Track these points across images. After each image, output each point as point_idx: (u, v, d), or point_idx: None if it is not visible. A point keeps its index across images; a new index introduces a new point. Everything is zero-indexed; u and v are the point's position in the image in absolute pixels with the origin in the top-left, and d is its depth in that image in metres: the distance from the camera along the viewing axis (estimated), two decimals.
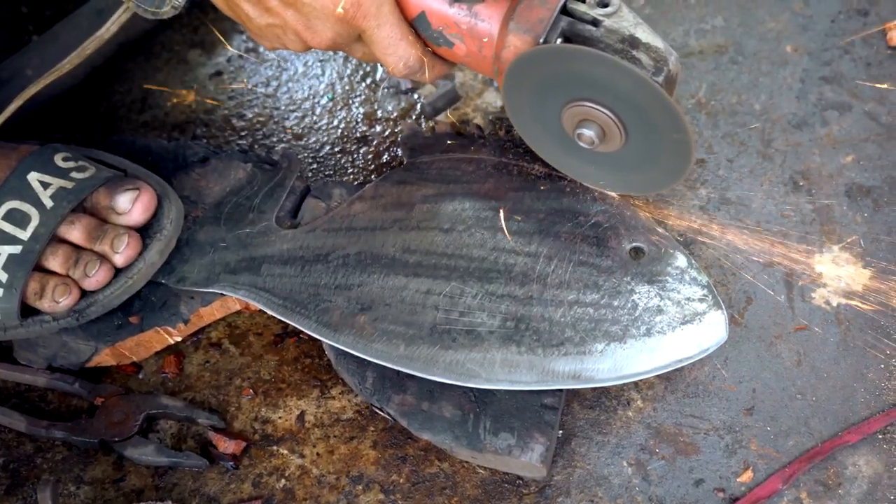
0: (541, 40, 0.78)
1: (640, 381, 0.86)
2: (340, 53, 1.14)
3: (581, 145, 0.81)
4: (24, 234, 0.86)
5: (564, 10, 0.79)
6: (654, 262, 0.85)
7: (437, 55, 0.86)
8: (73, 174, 0.88)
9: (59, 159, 0.89)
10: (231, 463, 0.85)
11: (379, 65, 1.12)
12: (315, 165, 1.04)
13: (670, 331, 0.81)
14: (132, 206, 0.88)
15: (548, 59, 0.78)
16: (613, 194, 0.89)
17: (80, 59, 0.88)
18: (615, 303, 0.83)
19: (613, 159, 0.84)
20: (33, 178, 0.88)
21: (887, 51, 1.07)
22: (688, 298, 0.83)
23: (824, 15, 1.10)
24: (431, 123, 1.04)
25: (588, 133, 0.80)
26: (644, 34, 0.78)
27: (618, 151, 0.82)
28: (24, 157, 0.89)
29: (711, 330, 0.82)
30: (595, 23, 0.78)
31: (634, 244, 0.86)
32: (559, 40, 0.79)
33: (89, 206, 0.89)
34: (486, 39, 0.81)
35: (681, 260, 0.85)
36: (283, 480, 0.84)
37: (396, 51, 0.83)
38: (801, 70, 1.06)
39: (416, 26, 0.83)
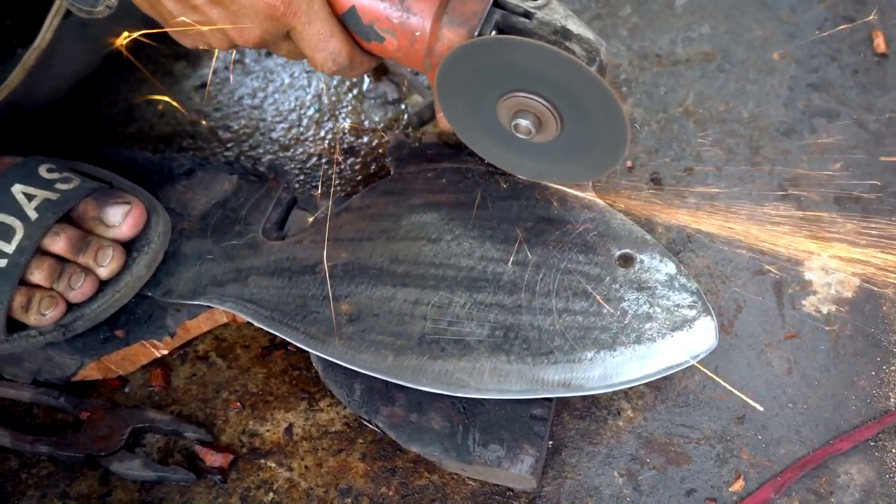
0: (475, 33, 0.78)
1: (631, 390, 0.86)
2: None
3: (518, 136, 0.81)
4: (9, 248, 0.85)
5: (497, 3, 0.79)
6: (643, 270, 0.85)
7: (364, 51, 0.85)
8: (58, 185, 0.88)
9: (43, 171, 0.88)
10: (218, 477, 0.84)
11: (366, 76, 1.12)
12: (302, 177, 1.04)
13: (660, 338, 0.81)
14: (123, 220, 0.87)
15: (485, 51, 0.77)
16: (599, 201, 0.89)
17: (24, 72, 0.88)
18: (604, 310, 0.82)
19: (551, 149, 0.83)
20: (17, 190, 0.87)
21: (874, 57, 1.07)
22: (677, 305, 0.82)
23: (811, 22, 1.10)
24: (418, 133, 1.04)
25: (524, 123, 0.80)
26: (575, 26, 0.79)
27: (554, 140, 0.82)
28: (8, 169, 0.88)
29: (701, 336, 0.81)
30: (527, 15, 0.78)
31: (623, 251, 0.86)
32: (493, 33, 0.78)
33: (75, 216, 0.88)
34: (418, 33, 0.80)
35: (670, 266, 0.85)
36: (271, 494, 0.83)
37: (326, 47, 0.81)
38: (788, 77, 1.06)
39: (346, 21, 0.82)
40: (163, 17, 0.82)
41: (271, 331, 0.86)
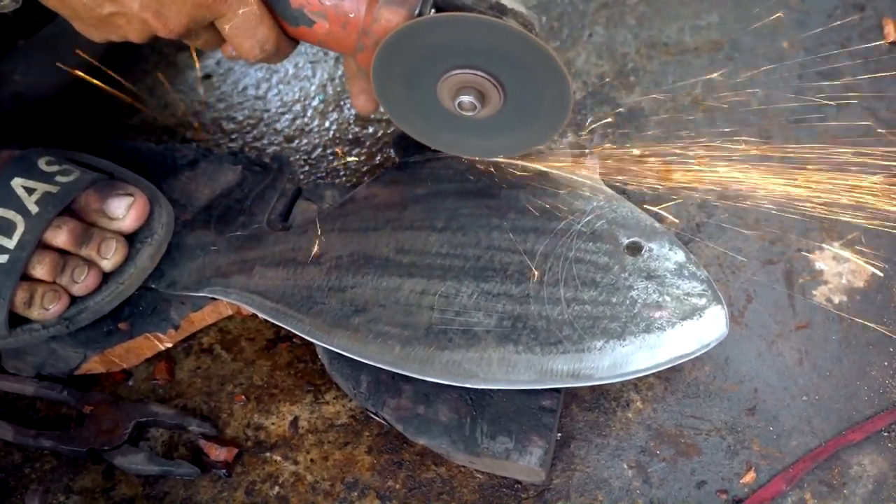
0: (415, 12, 0.77)
1: (640, 381, 0.85)
2: (332, 55, 1.13)
3: (463, 114, 0.81)
4: (10, 243, 0.84)
5: None
6: (652, 258, 0.84)
7: (289, 36, 0.83)
8: (58, 178, 0.87)
9: (42, 163, 0.87)
10: (223, 471, 0.84)
11: None
12: (307, 168, 1.03)
13: (670, 327, 0.80)
14: (127, 212, 0.86)
15: (429, 30, 0.76)
16: (607, 189, 0.89)
17: None
18: (613, 299, 0.81)
19: (495, 123, 0.83)
20: (17, 183, 0.86)
21: (884, 46, 1.06)
22: (687, 293, 0.81)
23: (820, 10, 1.10)
24: None
25: (468, 100, 0.80)
26: (508, 0, 0.78)
27: (499, 113, 0.82)
28: (7, 162, 0.87)
29: (712, 325, 0.80)
30: None
31: (631, 240, 0.85)
32: (432, 11, 0.78)
33: (77, 208, 0.87)
34: (352, 15, 0.78)
35: (679, 255, 0.84)
36: (276, 488, 0.83)
37: (255, 34, 0.79)
38: (797, 66, 1.05)
39: (273, 6, 0.80)
40: (75, 11, 0.78)
41: (276, 322, 0.86)
